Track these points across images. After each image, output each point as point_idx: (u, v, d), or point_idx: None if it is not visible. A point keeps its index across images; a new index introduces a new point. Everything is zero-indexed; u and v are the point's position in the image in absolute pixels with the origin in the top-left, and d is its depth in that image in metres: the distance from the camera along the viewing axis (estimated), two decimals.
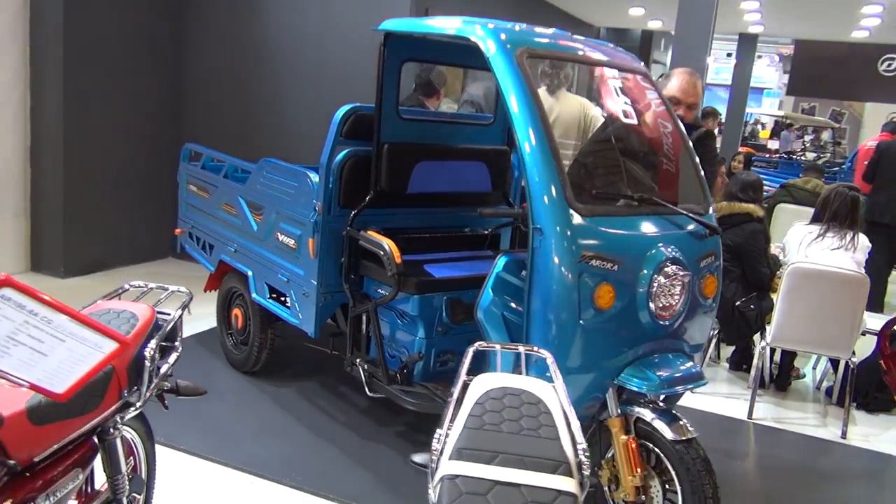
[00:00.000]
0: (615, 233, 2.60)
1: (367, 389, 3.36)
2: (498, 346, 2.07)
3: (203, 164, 4.40)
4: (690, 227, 2.83)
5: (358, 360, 3.38)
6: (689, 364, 2.73)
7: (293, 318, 3.61)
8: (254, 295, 3.88)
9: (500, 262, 2.82)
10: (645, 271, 2.61)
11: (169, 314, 2.16)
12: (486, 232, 3.89)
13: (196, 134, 6.19)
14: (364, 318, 3.45)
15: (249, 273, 3.91)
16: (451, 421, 1.68)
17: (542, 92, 4.36)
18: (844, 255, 4.23)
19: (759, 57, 20.83)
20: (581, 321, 2.51)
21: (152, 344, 1.98)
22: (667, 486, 2.65)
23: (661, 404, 2.70)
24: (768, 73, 24.89)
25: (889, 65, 17.93)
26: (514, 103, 2.58)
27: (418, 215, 3.64)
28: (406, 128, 3.43)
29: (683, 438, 2.54)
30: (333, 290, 3.47)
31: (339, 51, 5.64)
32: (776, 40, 19.36)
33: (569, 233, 2.48)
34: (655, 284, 2.62)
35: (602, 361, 2.59)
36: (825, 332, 4.11)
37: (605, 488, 2.77)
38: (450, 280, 3.25)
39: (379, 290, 3.35)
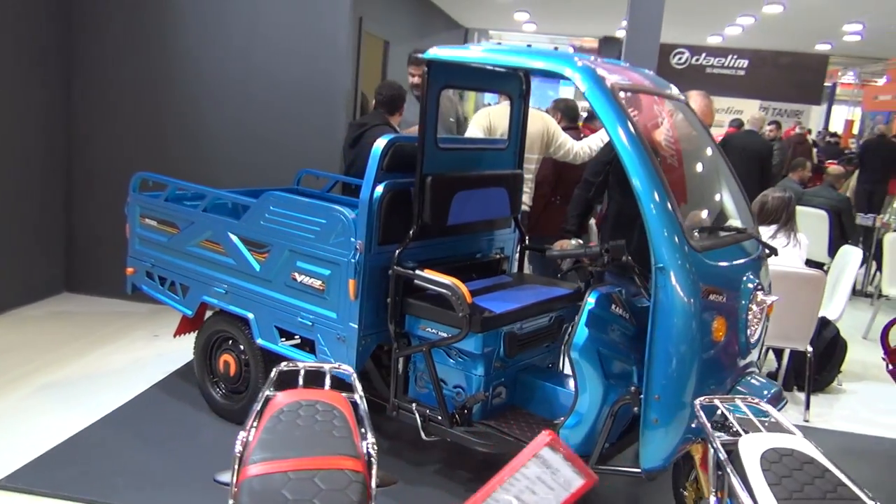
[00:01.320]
0: (721, 265, 2.69)
1: (422, 434, 3.21)
2: (717, 400, 2.07)
3: (168, 195, 3.94)
4: (756, 251, 2.98)
5: (415, 404, 3.21)
6: (772, 384, 2.89)
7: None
8: (259, 340, 3.56)
9: (592, 297, 2.81)
10: (743, 301, 2.72)
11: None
12: (497, 256, 3.85)
13: (95, 160, 5.56)
14: (402, 359, 3.30)
15: (250, 316, 3.58)
16: (750, 492, 1.66)
17: (504, 107, 4.41)
18: (793, 251, 4.66)
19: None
20: (702, 355, 2.57)
21: (371, 439, 1.77)
22: None
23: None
24: None
25: (679, 58, 19.75)
26: (623, 140, 2.57)
27: (439, 246, 3.52)
28: (443, 157, 3.29)
29: None
30: (372, 332, 3.28)
31: (268, 63, 5.28)
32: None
33: (692, 270, 2.53)
34: (750, 313, 2.74)
35: (714, 391, 2.67)
36: (787, 326, 4.49)
37: None
38: (509, 314, 3.18)
39: (427, 330, 3.20)
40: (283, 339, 3.55)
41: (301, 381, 2.05)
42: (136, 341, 4.92)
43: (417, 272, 3.14)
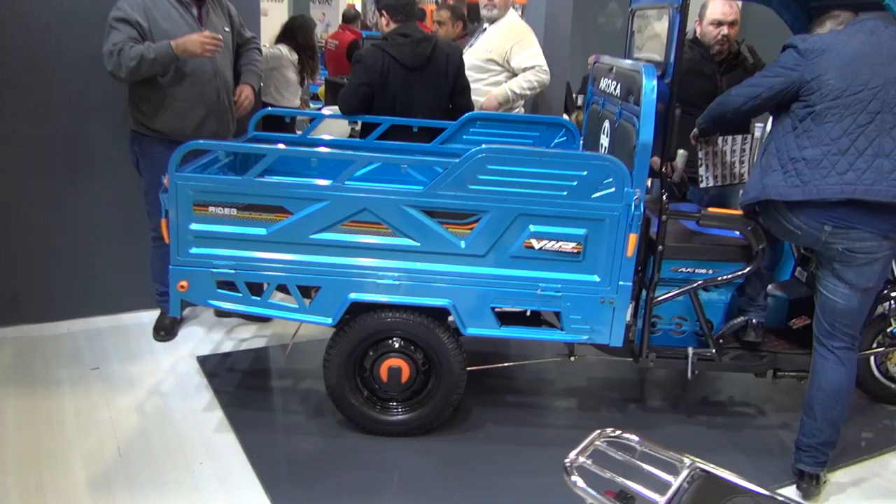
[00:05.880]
0: None
1: (689, 374, 3.08)
2: None
3: (255, 170, 2.77)
4: None
5: (690, 349, 3.04)
6: None
7: (574, 335, 2.92)
8: (470, 330, 2.90)
9: None
10: None
11: None
12: None
13: None
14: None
15: (447, 303, 2.87)
16: None
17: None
18: None
19: None
20: None
21: None
22: None
23: None
24: None
25: None
26: None
27: None
28: None
29: None
30: None
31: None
32: None
33: None
34: None
35: None
36: None
37: None
38: None
39: (681, 270, 3.02)
40: None
41: None
42: (81, 384, 3.40)
43: (703, 212, 2.91)
